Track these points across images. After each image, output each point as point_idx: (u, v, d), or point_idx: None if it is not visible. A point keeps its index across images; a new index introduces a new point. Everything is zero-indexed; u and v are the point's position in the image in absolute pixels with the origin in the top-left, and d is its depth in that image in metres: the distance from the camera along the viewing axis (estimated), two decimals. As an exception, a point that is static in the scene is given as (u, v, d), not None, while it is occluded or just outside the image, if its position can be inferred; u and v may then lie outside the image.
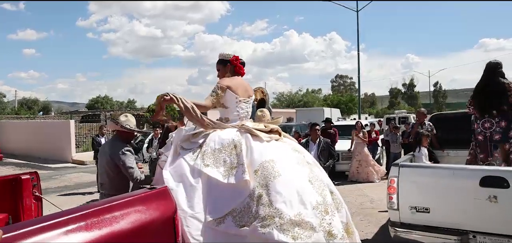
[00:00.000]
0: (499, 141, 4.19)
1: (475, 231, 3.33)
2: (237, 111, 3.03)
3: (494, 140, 4.22)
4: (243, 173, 2.40)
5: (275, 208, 2.22)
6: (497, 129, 4.20)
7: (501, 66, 4.27)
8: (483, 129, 4.29)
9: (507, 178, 3.22)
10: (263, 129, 2.82)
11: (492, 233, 3.26)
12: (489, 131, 4.24)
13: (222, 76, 3.18)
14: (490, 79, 4.25)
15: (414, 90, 77.80)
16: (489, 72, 4.29)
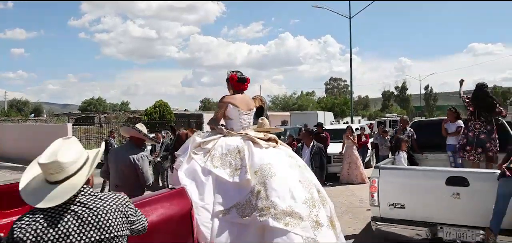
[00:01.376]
0: (484, 139, 5.22)
1: (442, 223, 3.91)
2: (240, 122, 3.57)
3: (480, 138, 5.24)
4: (245, 173, 2.95)
5: (271, 201, 2.77)
6: (484, 130, 5.26)
7: (486, 86, 5.46)
8: (474, 129, 5.33)
9: (467, 177, 3.81)
10: (263, 138, 3.37)
11: (456, 225, 3.85)
12: (478, 131, 5.28)
13: (228, 92, 3.73)
14: (482, 94, 5.35)
15: (406, 93, 79.14)
16: (481, 89, 5.41)
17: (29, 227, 1.50)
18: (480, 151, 5.22)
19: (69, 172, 1.62)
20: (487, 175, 3.91)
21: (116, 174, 4.24)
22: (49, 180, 1.62)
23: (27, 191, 1.63)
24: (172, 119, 22.65)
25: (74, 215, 1.56)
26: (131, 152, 4.11)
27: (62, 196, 1.56)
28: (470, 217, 3.78)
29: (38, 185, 1.64)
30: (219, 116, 3.57)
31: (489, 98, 5.31)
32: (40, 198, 1.56)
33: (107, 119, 36.13)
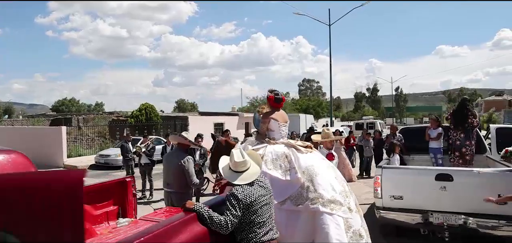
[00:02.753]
0: (458, 145, 6.45)
1: (432, 210, 4.97)
2: (280, 133, 4.48)
3: (456, 144, 6.46)
4: (296, 173, 3.87)
5: (319, 193, 3.70)
6: (459, 138, 6.46)
7: (468, 100, 6.87)
8: (452, 137, 6.61)
9: (452, 174, 4.91)
10: (301, 145, 4.30)
11: (443, 211, 4.92)
12: (454, 138, 6.56)
13: (268, 107, 4.63)
14: (462, 108, 6.60)
15: (377, 94, 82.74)
16: (463, 103, 6.75)
17: (241, 189, 2.82)
18: (458, 154, 6.40)
19: (247, 166, 2.96)
20: (467, 172, 5.04)
21: (168, 173, 5.07)
22: (235, 170, 2.95)
23: (225, 175, 3.05)
24: (159, 122, 23.08)
25: (258, 185, 2.91)
26: (179, 155, 4.97)
27: (251, 177, 2.92)
28: (454, 205, 4.87)
29: (229, 172, 3.00)
30: (264, 129, 4.47)
31: (465, 111, 6.51)
32: (234, 179, 2.92)
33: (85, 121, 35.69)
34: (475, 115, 6.50)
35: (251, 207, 2.79)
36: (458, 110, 6.67)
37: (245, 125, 29.70)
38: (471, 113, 6.51)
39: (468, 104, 6.62)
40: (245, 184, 2.87)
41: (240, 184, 2.86)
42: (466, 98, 6.77)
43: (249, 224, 2.82)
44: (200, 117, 26.58)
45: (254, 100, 51.06)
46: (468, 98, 6.81)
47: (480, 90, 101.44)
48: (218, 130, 25.95)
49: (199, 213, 2.70)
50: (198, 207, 2.73)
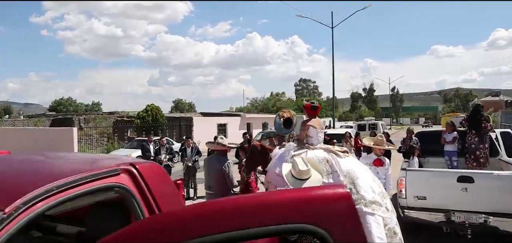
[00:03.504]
0: (473, 149, 6.88)
1: (454, 209, 5.36)
2: (318, 139, 4.84)
3: (471, 147, 6.90)
4: (338, 176, 4.22)
5: (361, 195, 4.06)
6: (473, 142, 6.91)
7: (481, 106, 7.24)
8: (467, 141, 7.05)
9: (473, 176, 5.30)
10: (339, 150, 4.66)
11: (464, 210, 5.32)
12: (469, 142, 7.00)
13: (305, 115, 4.99)
14: (476, 113, 7.04)
15: (373, 94, 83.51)
16: (476, 109, 7.17)
17: None
18: (473, 157, 6.83)
19: (309, 174, 3.28)
20: (487, 174, 5.44)
21: (209, 177, 5.43)
22: (298, 177, 3.25)
23: (288, 181, 3.30)
24: (164, 123, 23.35)
25: None
26: (220, 160, 5.34)
27: (312, 185, 3.07)
28: (475, 205, 5.26)
29: (292, 179, 3.30)
30: (303, 136, 4.82)
31: (478, 116, 6.95)
32: (298, 186, 3.14)
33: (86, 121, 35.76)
34: (489, 120, 6.93)
35: None
36: (472, 115, 7.10)
37: (247, 125, 30.06)
38: (484, 118, 6.94)
39: (481, 110, 7.04)
40: None
41: None
42: (479, 104, 7.21)
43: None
44: (204, 118, 26.88)
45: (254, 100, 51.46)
46: (481, 104, 7.25)
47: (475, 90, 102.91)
48: (221, 130, 26.31)
49: None
50: None
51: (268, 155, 5.41)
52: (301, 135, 4.87)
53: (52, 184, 1.51)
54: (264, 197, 1.06)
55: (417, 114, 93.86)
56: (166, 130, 22.64)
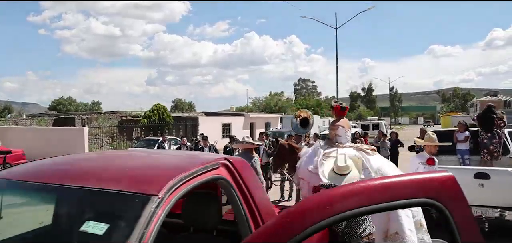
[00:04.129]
0: (487, 143, 7.26)
1: (471, 204, 5.71)
2: (346, 138, 5.16)
3: (484, 142, 7.29)
4: (370, 173, 4.55)
5: None
6: (486, 137, 7.30)
7: (494, 107, 7.54)
8: (480, 136, 7.44)
9: (489, 173, 5.65)
10: (368, 148, 4.99)
11: (481, 205, 5.66)
12: (482, 137, 7.38)
13: (334, 116, 5.31)
14: (488, 112, 7.42)
15: (372, 94, 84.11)
16: (488, 108, 7.53)
17: None
18: (486, 151, 7.23)
19: (349, 170, 3.44)
20: (502, 171, 5.79)
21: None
22: (339, 173, 3.45)
23: (329, 178, 3.47)
24: (171, 122, 23.64)
25: None
26: (248, 157, 5.67)
27: (351, 181, 3.26)
28: (491, 199, 5.62)
29: (333, 175, 3.52)
30: (333, 135, 5.14)
31: (489, 113, 7.33)
32: (339, 182, 3.31)
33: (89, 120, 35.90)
34: (502, 118, 7.32)
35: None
36: (483, 114, 7.46)
37: (251, 125, 30.39)
38: (497, 117, 7.33)
39: (494, 109, 7.43)
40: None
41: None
42: (491, 105, 7.59)
43: (351, 221, 3.32)
44: (208, 118, 27.18)
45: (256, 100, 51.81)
46: (493, 105, 7.63)
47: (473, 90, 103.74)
48: (225, 130, 26.60)
49: None
50: None
51: (296, 154, 5.73)
52: (331, 134, 5.20)
53: (182, 174, 1.83)
54: (400, 178, 1.38)
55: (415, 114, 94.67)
56: (173, 129, 22.93)
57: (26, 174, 2.04)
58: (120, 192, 1.64)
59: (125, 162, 2.22)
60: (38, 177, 1.94)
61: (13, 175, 2.07)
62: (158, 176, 1.81)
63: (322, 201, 1.31)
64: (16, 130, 22.11)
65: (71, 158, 2.38)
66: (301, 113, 8.63)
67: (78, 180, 1.81)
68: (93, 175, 1.89)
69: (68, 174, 1.94)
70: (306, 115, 8.42)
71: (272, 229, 1.27)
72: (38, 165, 2.22)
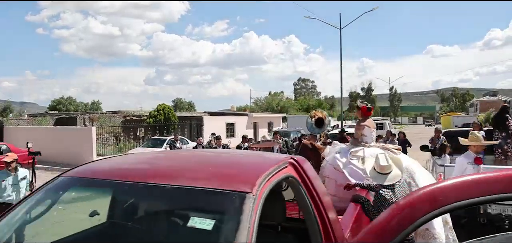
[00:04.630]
0: (501, 143, 7.43)
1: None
2: (371, 138, 5.31)
3: (499, 142, 7.40)
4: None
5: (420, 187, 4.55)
6: (500, 136, 7.48)
7: (508, 107, 7.67)
8: (495, 136, 7.65)
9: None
10: (393, 148, 5.14)
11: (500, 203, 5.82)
12: (497, 137, 7.57)
13: (359, 116, 5.45)
14: (502, 112, 7.62)
15: (372, 93, 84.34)
16: (503, 108, 7.73)
17: (387, 190, 3.41)
18: (500, 151, 7.41)
19: (390, 169, 3.51)
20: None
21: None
22: (380, 172, 3.55)
23: (371, 177, 3.62)
24: (176, 122, 23.75)
25: (399, 186, 3.54)
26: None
27: (395, 179, 3.53)
28: (509, 197, 5.78)
29: (374, 173, 3.61)
30: (359, 135, 5.29)
31: (503, 114, 7.53)
32: (382, 180, 3.53)
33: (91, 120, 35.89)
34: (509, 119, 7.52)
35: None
36: (498, 114, 7.66)
37: (254, 124, 30.53)
38: (508, 118, 7.50)
39: (508, 109, 7.64)
40: (389, 184, 3.60)
41: (387, 184, 3.60)
42: (506, 105, 7.79)
43: None
44: (213, 117, 27.32)
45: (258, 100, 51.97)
46: (508, 106, 7.83)
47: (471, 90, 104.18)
48: (229, 129, 26.73)
49: (363, 204, 3.49)
50: (363, 200, 3.52)
51: (320, 153, 5.87)
52: (357, 134, 5.34)
53: (264, 173, 1.95)
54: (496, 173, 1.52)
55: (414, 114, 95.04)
56: (178, 129, 23.04)
57: (111, 173, 2.11)
58: (217, 190, 1.73)
59: (203, 161, 2.34)
60: (126, 176, 1.99)
61: (97, 174, 2.15)
62: (246, 175, 1.93)
63: (432, 194, 1.45)
64: (23, 130, 22.17)
65: (147, 158, 2.49)
66: (317, 113, 8.78)
67: (170, 178, 1.89)
68: (183, 174, 1.97)
69: (158, 173, 2.01)
70: (321, 115, 8.57)
71: (384, 223, 1.40)
72: (119, 163, 2.33)
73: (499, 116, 7.68)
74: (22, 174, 5.60)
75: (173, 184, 1.82)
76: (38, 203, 2.16)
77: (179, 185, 1.81)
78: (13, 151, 10.19)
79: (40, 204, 2.16)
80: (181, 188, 1.79)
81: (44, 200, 2.19)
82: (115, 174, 2.10)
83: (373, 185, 3.80)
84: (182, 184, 1.82)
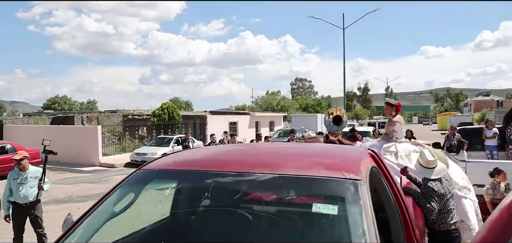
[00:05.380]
0: (511, 140, 7.72)
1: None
2: (402, 133, 5.54)
3: (510, 138, 7.82)
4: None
5: (454, 181, 4.75)
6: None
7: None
8: (507, 133, 8.03)
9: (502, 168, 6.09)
10: (424, 143, 5.37)
11: None
12: (509, 134, 7.99)
13: (389, 113, 5.67)
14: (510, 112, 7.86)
15: (368, 93, 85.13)
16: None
17: (435, 183, 3.56)
18: (511, 147, 7.70)
19: (436, 163, 3.71)
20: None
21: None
22: (426, 167, 3.70)
23: (417, 169, 3.81)
24: (180, 121, 23.84)
25: (444, 179, 3.70)
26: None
27: (442, 173, 3.70)
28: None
29: (420, 168, 3.78)
30: (390, 131, 5.51)
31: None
32: (428, 174, 3.68)
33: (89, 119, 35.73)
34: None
35: (444, 197, 3.78)
36: (509, 113, 7.96)
37: (256, 123, 30.71)
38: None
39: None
40: (436, 178, 3.72)
41: (434, 178, 3.73)
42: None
43: (440, 211, 3.65)
44: (215, 116, 27.47)
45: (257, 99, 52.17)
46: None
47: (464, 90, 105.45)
48: (232, 128, 26.88)
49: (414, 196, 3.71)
50: (413, 191, 3.74)
51: (348, 149, 6.10)
52: (388, 130, 5.56)
53: (362, 162, 2.13)
54: None
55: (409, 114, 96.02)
56: (182, 128, 23.13)
57: (209, 164, 2.15)
58: (331, 177, 1.86)
59: (293, 153, 2.51)
60: (229, 167, 2.03)
61: (193, 166, 2.20)
62: (349, 164, 2.09)
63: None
64: (24, 129, 22.07)
65: (228, 151, 2.61)
66: (334, 111, 9.00)
67: (277, 168, 1.98)
68: (288, 164, 2.08)
69: (261, 163, 2.10)
70: (340, 113, 8.79)
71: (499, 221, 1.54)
72: (216, 154, 2.45)
73: (510, 114, 7.97)
74: (34, 172, 5.31)
75: (284, 173, 1.91)
76: (122, 197, 2.18)
77: (292, 174, 1.90)
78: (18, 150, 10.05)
79: (124, 197, 2.18)
80: (294, 177, 1.89)
81: (128, 193, 2.21)
82: (214, 165, 2.13)
83: (418, 179, 3.99)
84: (292, 173, 1.92)
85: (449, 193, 3.81)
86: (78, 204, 10.02)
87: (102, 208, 2.08)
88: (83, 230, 1.97)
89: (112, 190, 2.19)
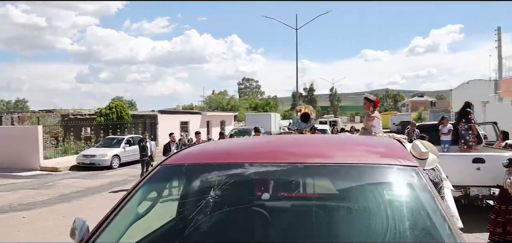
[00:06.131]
0: (464, 134, 8.35)
1: (470, 185, 6.60)
2: (379, 128, 5.69)
3: (462, 133, 8.37)
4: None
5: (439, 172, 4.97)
6: (463, 129, 8.38)
7: (469, 104, 8.58)
8: (459, 128, 8.50)
9: (484, 158, 6.59)
10: (402, 137, 5.55)
11: (478, 185, 6.57)
12: (460, 129, 8.47)
13: (367, 108, 5.80)
14: (465, 107, 8.41)
15: (313, 93, 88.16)
16: (466, 104, 8.58)
17: (430, 174, 3.57)
18: (463, 142, 8.33)
19: (428, 154, 3.70)
20: (497, 156, 6.77)
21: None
22: (420, 158, 3.67)
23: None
24: (129, 120, 22.65)
25: (436, 169, 3.73)
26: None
27: (433, 163, 3.68)
28: (485, 180, 6.55)
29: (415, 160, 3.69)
30: (369, 126, 5.64)
31: (466, 110, 8.49)
32: (423, 166, 3.59)
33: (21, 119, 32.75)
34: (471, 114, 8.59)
35: (437, 186, 3.92)
36: (461, 110, 8.61)
37: (207, 123, 30.27)
38: (470, 111, 8.50)
39: (470, 105, 8.63)
40: (429, 168, 3.90)
41: (427, 168, 3.89)
42: (469, 102, 8.79)
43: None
44: (167, 116, 26.53)
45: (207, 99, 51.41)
46: (470, 102, 8.84)
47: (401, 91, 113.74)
48: (183, 128, 26.20)
49: None
50: None
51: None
52: (367, 125, 5.69)
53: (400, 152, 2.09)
54: None
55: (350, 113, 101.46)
56: (132, 128, 22.00)
57: (257, 156, 1.94)
58: (392, 164, 1.79)
59: (334, 143, 2.45)
60: (281, 158, 1.87)
61: (235, 158, 1.98)
62: (397, 152, 2.03)
63: None
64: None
65: (262, 142, 2.46)
66: (302, 109, 9.06)
67: (327, 158, 1.89)
68: (336, 154, 1.96)
69: (311, 153, 1.98)
70: (307, 110, 8.87)
71: None
72: (254, 146, 2.26)
73: (462, 111, 8.62)
74: None
75: (341, 162, 1.81)
76: (147, 194, 1.98)
77: (349, 163, 1.80)
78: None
79: (149, 194, 2.00)
80: (351, 165, 1.79)
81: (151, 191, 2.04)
82: (263, 156, 1.93)
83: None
84: (345, 161, 1.81)
85: (441, 181, 3.96)
86: (22, 213, 9.01)
87: (125, 210, 1.81)
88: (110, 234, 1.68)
89: (134, 189, 1.92)
